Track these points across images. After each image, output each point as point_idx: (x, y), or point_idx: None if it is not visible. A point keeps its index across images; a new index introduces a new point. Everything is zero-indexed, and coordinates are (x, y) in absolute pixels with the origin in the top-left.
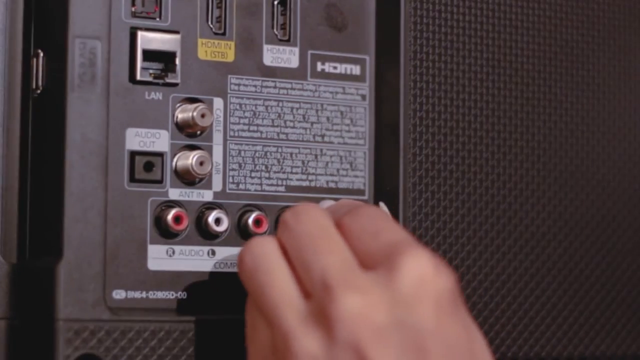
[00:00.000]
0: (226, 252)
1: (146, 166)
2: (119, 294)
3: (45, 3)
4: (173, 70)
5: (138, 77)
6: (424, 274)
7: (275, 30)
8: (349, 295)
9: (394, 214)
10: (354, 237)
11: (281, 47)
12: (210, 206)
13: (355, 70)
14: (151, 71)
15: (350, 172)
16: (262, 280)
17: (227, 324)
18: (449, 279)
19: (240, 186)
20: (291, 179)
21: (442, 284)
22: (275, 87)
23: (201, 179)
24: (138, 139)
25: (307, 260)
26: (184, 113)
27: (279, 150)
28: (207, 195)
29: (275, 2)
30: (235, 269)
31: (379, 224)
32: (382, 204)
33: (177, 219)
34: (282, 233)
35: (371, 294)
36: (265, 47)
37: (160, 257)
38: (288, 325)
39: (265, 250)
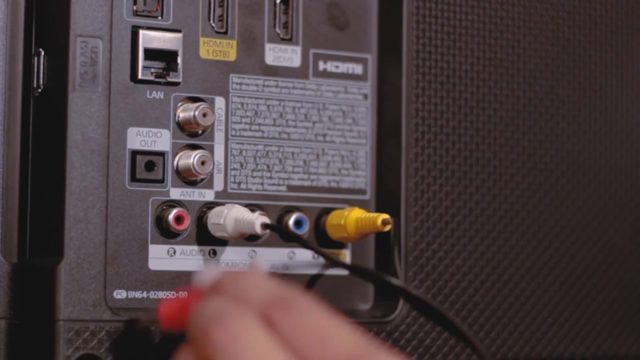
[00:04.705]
0: (227, 252)
1: (147, 165)
2: (119, 294)
3: (46, 1)
4: (175, 69)
5: (139, 76)
6: None
7: (277, 29)
8: None
9: (396, 214)
10: (295, 343)
11: (283, 46)
12: (211, 206)
13: (357, 69)
14: (153, 70)
15: (352, 172)
16: None
17: None
18: None
19: (242, 186)
20: (293, 179)
21: None
22: (277, 86)
23: (202, 179)
24: (139, 138)
25: None
26: (185, 112)
27: (281, 149)
28: (209, 195)
29: (277, 1)
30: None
31: (323, 324)
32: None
33: (178, 218)
34: (206, 351)
35: None
36: (267, 46)
37: (161, 257)
38: None
39: None
